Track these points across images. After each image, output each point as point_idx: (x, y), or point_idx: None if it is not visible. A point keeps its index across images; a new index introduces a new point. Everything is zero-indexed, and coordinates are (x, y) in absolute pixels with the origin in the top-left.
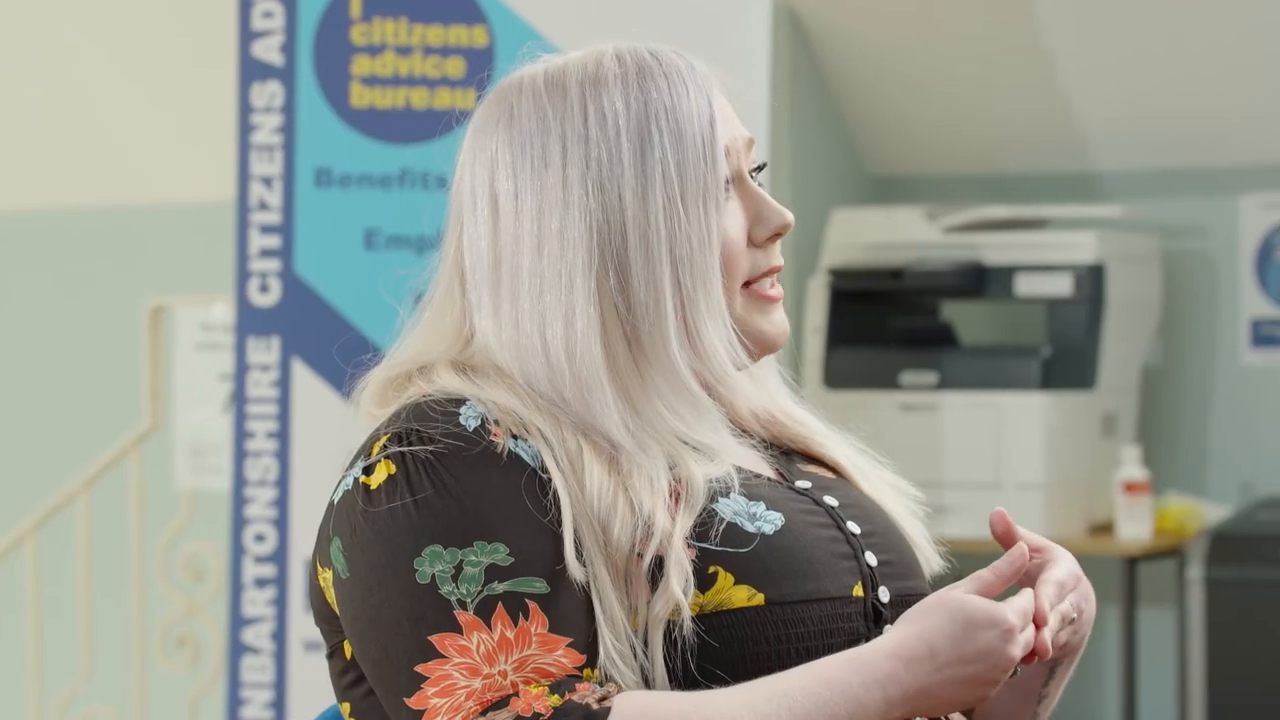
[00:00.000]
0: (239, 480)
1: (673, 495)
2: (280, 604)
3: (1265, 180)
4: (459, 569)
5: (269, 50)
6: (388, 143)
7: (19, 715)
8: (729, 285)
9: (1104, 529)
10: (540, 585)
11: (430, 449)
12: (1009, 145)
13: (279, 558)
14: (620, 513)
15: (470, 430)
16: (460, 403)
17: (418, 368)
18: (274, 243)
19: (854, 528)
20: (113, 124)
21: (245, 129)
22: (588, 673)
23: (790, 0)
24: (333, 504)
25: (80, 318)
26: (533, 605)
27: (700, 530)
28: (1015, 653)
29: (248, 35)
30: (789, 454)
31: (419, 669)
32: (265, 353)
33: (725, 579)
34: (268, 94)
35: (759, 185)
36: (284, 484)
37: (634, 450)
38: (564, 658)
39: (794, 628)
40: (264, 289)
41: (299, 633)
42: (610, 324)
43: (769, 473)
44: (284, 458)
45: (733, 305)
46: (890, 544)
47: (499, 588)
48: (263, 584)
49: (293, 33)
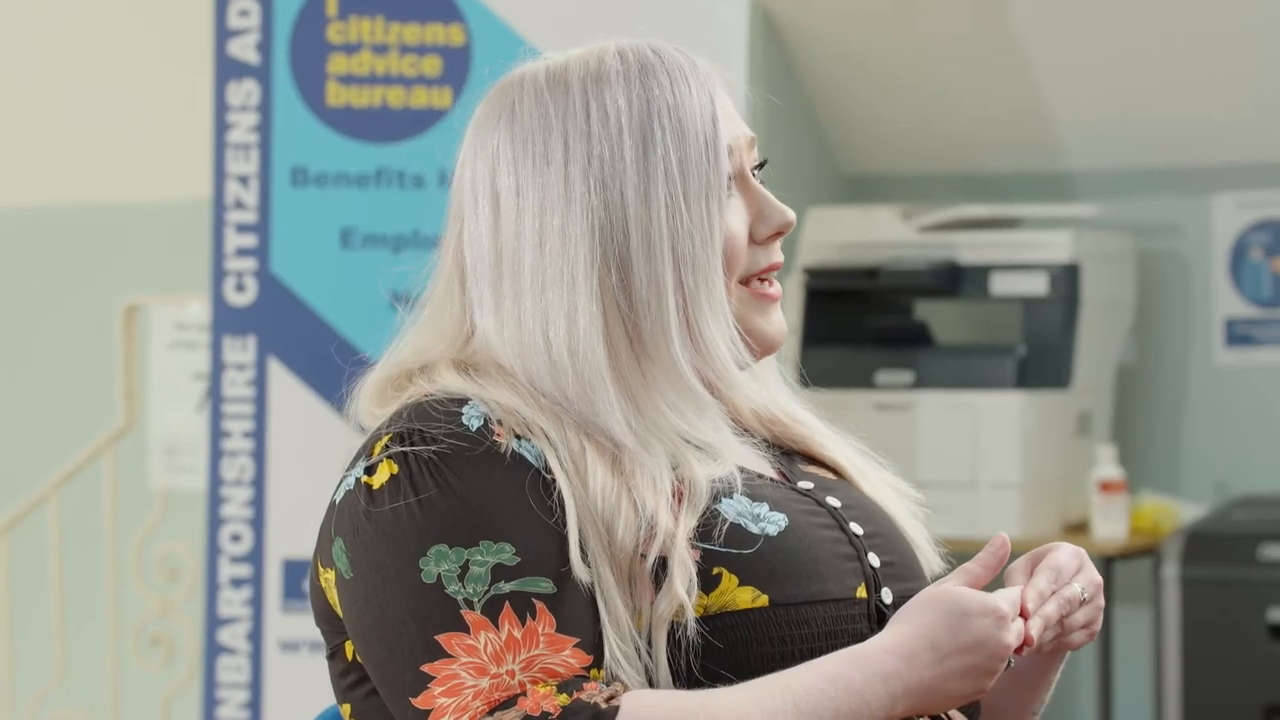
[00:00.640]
0: (215, 480)
1: (675, 495)
2: (256, 604)
3: (1239, 179)
4: (465, 568)
5: (245, 49)
6: (364, 141)
7: None
8: (730, 283)
9: (1079, 528)
10: (547, 585)
11: (433, 449)
12: (983, 144)
13: (255, 558)
14: (624, 513)
15: (473, 430)
16: (462, 402)
17: (418, 367)
18: (250, 242)
19: (856, 529)
20: (87, 123)
21: (221, 127)
22: (594, 673)
23: (765, 0)
24: (334, 504)
25: (54, 316)
26: (540, 605)
27: (704, 531)
28: (1009, 639)
29: (223, 33)
30: (790, 454)
31: (425, 669)
32: (241, 352)
33: (729, 580)
34: (244, 92)
35: (760, 183)
36: (260, 483)
37: (637, 449)
38: (571, 658)
39: (798, 629)
40: (240, 288)
41: (275, 633)
42: (612, 322)
43: (770, 473)
44: (260, 457)
45: (731, 303)
46: (892, 545)
47: (506, 587)
48: (239, 584)
49: (269, 31)
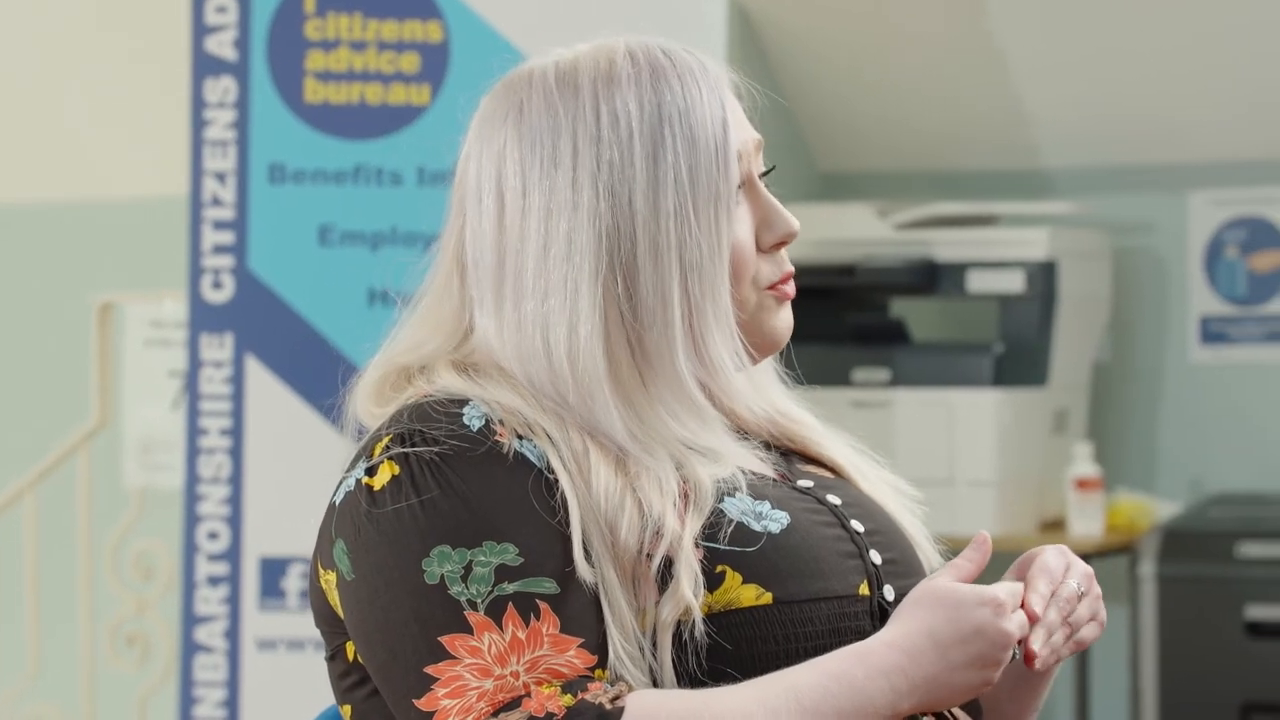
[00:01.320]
0: (191, 477)
1: (681, 497)
2: (233, 602)
3: (1215, 177)
4: (468, 569)
5: (222, 45)
6: (342, 138)
7: None
8: (739, 290)
9: (1055, 526)
10: (550, 586)
11: (435, 450)
12: (959, 142)
13: (232, 555)
14: (628, 514)
15: (474, 430)
16: (463, 403)
17: (418, 367)
18: (227, 239)
19: (857, 526)
20: (63, 119)
21: (198, 124)
22: (599, 673)
23: None
24: (334, 505)
25: (29, 313)
26: (543, 606)
27: (707, 530)
28: (1009, 627)
29: (201, 30)
30: (787, 454)
31: (428, 670)
32: (218, 349)
33: (733, 578)
34: (221, 89)
35: (768, 189)
36: (237, 481)
37: (640, 455)
38: (576, 658)
39: (802, 627)
40: (217, 285)
41: (252, 631)
42: (614, 331)
43: (770, 473)
44: (237, 455)
45: (743, 309)
46: (893, 542)
47: (509, 588)
48: (216, 582)
49: (246, 28)
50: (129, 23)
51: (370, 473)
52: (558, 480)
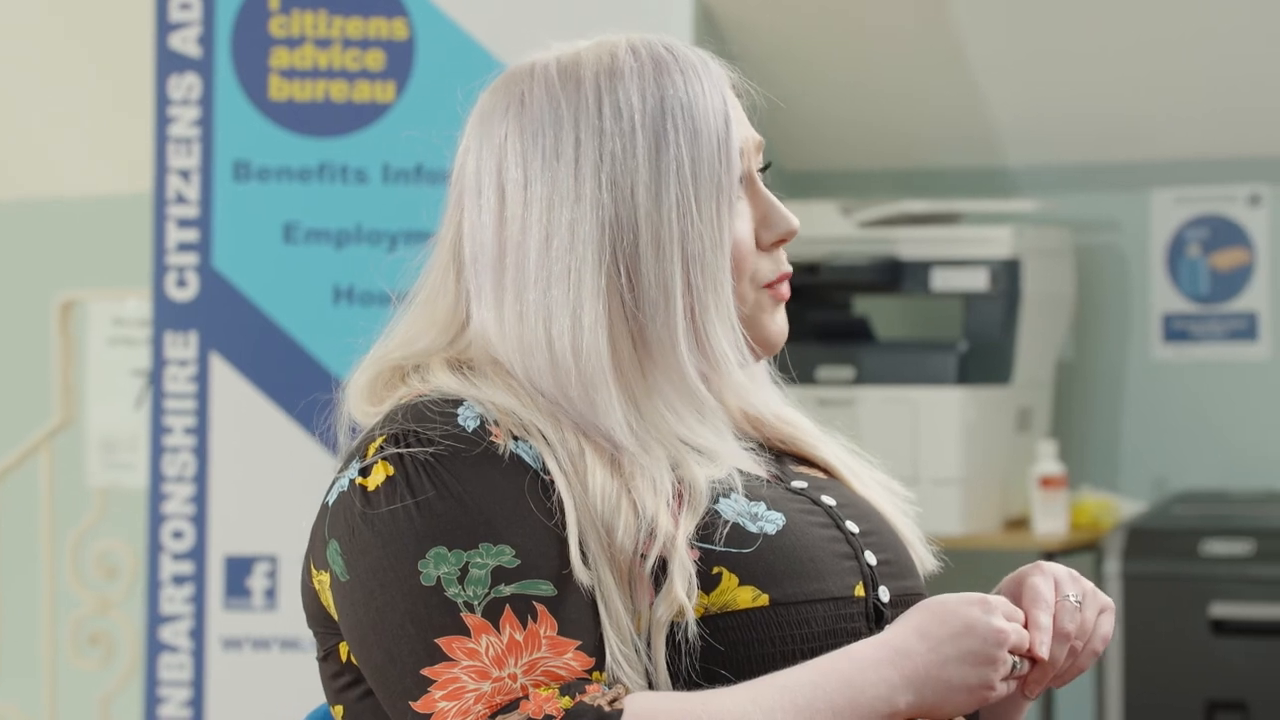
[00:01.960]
0: (156, 476)
1: (675, 497)
2: (198, 601)
3: (1177, 175)
4: (465, 571)
5: (186, 42)
6: (307, 136)
7: None
8: (738, 286)
9: (1019, 524)
10: (547, 588)
11: (429, 450)
12: (923, 140)
13: (197, 554)
14: (624, 515)
15: (469, 431)
16: (457, 403)
17: (412, 366)
18: (192, 236)
19: (853, 527)
20: (25, 116)
21: (162, 121)
22: (596, 675)
23: None
24: (326, 506)
25: None
26: (540, 608)
27: (704, 531)
28: (999, 623)
29: (165, 27)
30: (780, 455)
31: (425, 672)
32: (183, 348)
33: (729, 580)
34: (185, 86)
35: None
36: (202, 480)
37: (637, 451)
38: (573, 660)
39: (798, 628)
40: (182, 283)
41: (217, 630)
42: (617, 322)
43: (763, 474)
44: (202, 454)
45: (742, 305)
46: (887, 543)
47: (506, 590)
48: (180, 581)
49: (210, 25)
50: (92, 19)
51: (364, 473)
52: (553, 482)
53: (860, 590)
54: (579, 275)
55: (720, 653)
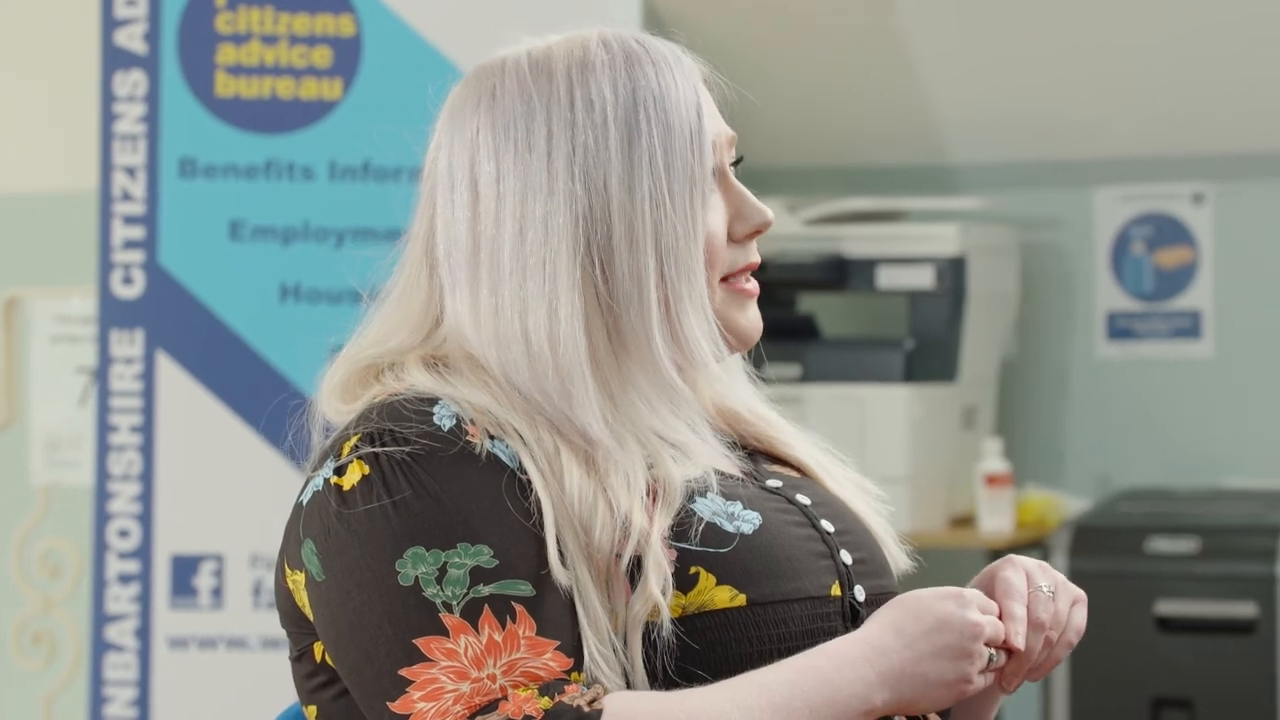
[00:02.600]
0: (101, 475)
1: (650, 494)
2: (144, 600)
3: (1121, 173)
4: (443, 571)
5: (132, 38)
6: (253, 133)
7: None
8: (710, 279)
9: (965, 522)
10: (525, 588)
11: (405, 449)
12: (868, 138)
13: (143, 553)
14: (601, 514)
15: (445, 430)
16: (433, 402)
17: (387, 364)
18: (138, 234)
19: (828, 526)
20: None
21: (108, 118)
22: (575, 675)
23: None
24: (301, 505)
25: None
26: (519, 608)
27: (680, 530)
28: (974, 617)
29: (110, 23)
30: (754, 454)
31: (403, 673)
32: (129, 345)
33: (707, 579)
34: (131, 83)
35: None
36: (148, 479)
37: (611, 446)
38: (552, 661)
39: (775, 628)
40: (127, 281)
41: (163, 630)
42: (592, 314)
43: (738, 473)
44: (148, 452)
45: (712, 299)
46: (862, 542)
47: (485, 590)
48: (126, 580)
49: (156, 21)
50: (37, 15)
51: (339, 472)
52: (530, 481)
53: (836, 590)
54: (554, 268)
55: (697, 652)
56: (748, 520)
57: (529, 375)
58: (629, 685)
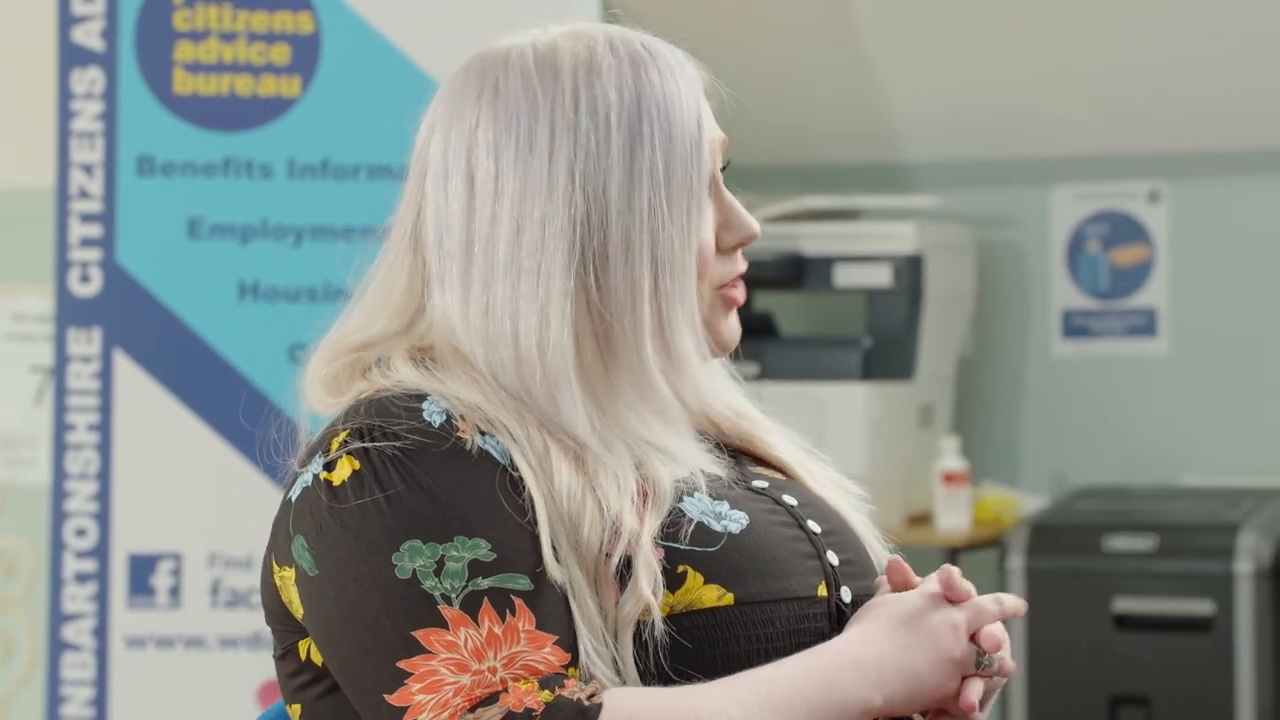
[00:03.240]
0: (59, 474)
1: (640, 495)
2: (101, 600)
3: (1076, 172)
4: (441, 564)
5: (89, 35)
6: (211, 130)
7: None
8: (700, 289)
9: (922, 520)
10: (524, 582)
11: (396, 445)
12: (824, 136)
13: (100, 552)
14: (589, 512)
15: (436, 426)
16: (421, 398)
17: (374, 360)
18: (95, 232)
19: (814, 527)
20: None
21: (65, 115)
22: (572, 671)
23: None
24: (289, 502)
25: None
26: (518, 601)
27: (668, 529)
28: (955, 614)
29: (67, 20)
30: (737, 454)
31: (402, 665)
32: (86, 344)
33: (695, 578)
34: (88, 80)
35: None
36: (105, 478)
37: (600, 449)
38: (551, 655)
39: (763, 628)
40: (85, 279)
41: (120, 629)
42: (582, 321)
43: (722, 474)
44: (105, 451)
45: (701, 308)
46: (847, 543)
47: (484, 583)
48: (83, 579)
49: (114, 18)
50: None
51: (328, 468)
52: (523, 478)
53: (823, 590)
54: (548, 271)
55: (686, 650)
56: (735, 520)
57: (515, 377)
58: (622, 682)
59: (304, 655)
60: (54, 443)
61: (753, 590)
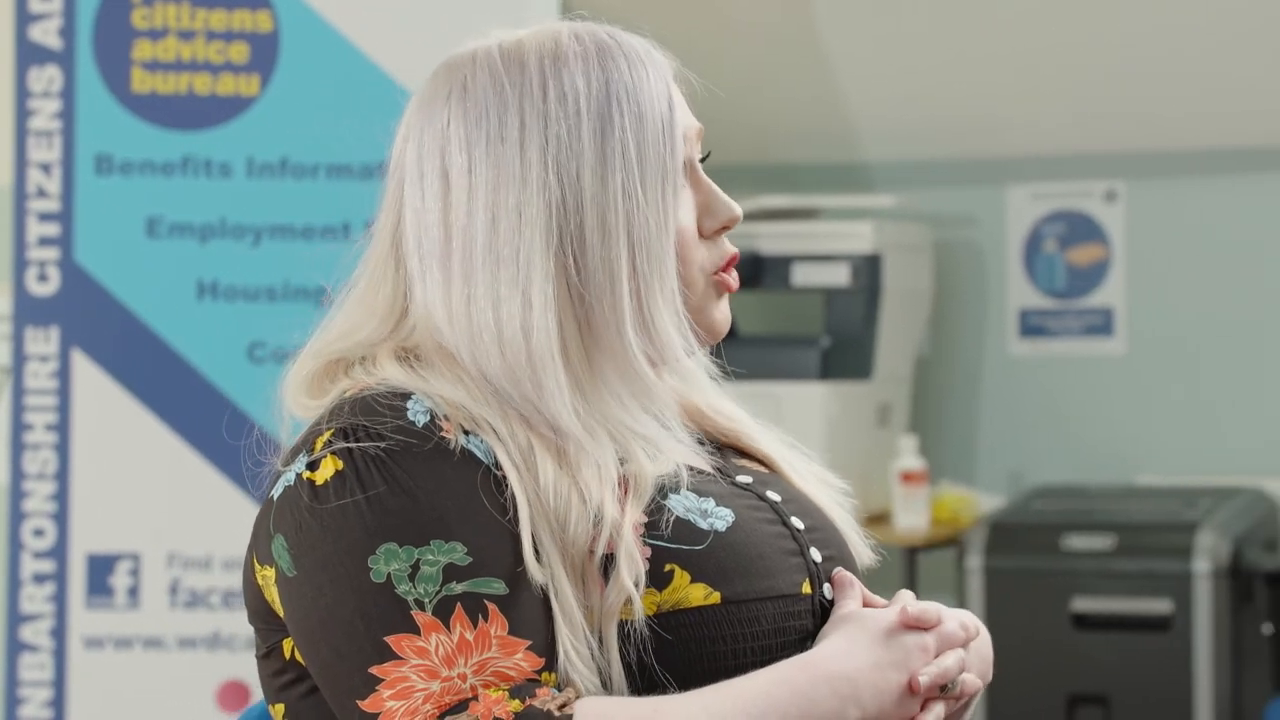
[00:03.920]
0: (16, 473)
1: (621, 486)
2: (59, 600)
3: (1033, 171)
4: (415, 568)
5: (47, 34)
6: (170, 129)
7: None
8: (685, 273)
9: (880, 519)
10: (499, 586)
11: (380, 445)
12: (782, 136)
13: (58, 553)
14: (575, 509)
15: (420, 426)
16: (405, 397)
17: (358, 358)
18: (53, 230)
19: (798, 523)
20: None
21: (22, 114)
22: (546, 676)
23: None
24: (271, 500)
25: None
26: (491, 607)
27: (654, 528)
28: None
29: (25, 18)
30: (721, 449)
31: (374, 670)
32: (44, 343)
33: (681, 577)
34: (46, 78)
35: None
36: (64, 477)
37: (582, 437)
38: (523, 661)
39: (749, 626)
40: (43, 278)
41: (79, 629)
42: (564, 306)
43: (707, 468)
44: (64, 450)
45: (691, 293)
46: (830, 539)
47: (457, 588)
48: (41, 579)
49: (72, 16)
50: None
51: (311, 467)
52: (505, 477)
53: (807, 587)
54: (527, 258)
55: (672, 649)
56: (720, 517)
57: (500, 365)
58: (606, 682)
59: (288, 655)
60: (11, 442)
61: (739, 589)
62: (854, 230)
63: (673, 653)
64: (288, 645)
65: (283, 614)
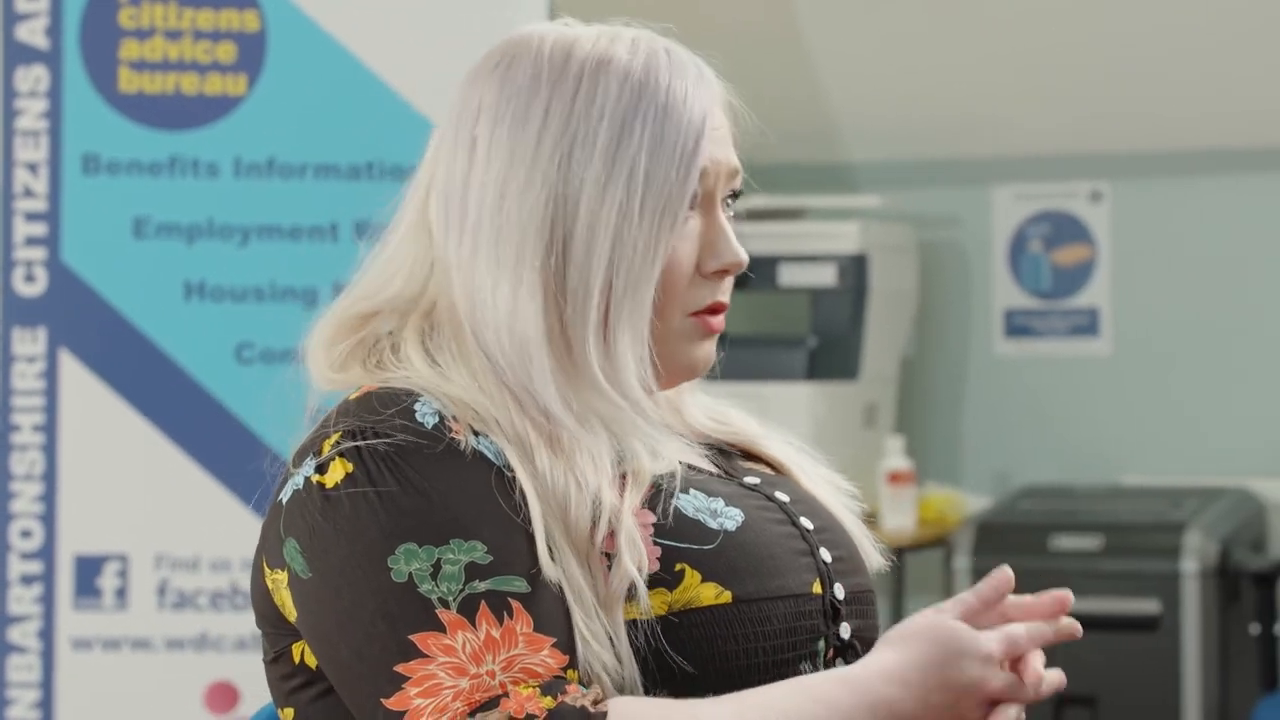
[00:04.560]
0: (3, 475)
1: (619, 475)
2: (47, 601)
3: (1018, 172)
4: (437, 567)
5: (33, 33)
6: (157, 129)
7: None
8: (665, 305)
9: (867, 520)
10: (521, 584)
11: (389, 443)
12: (767, 136)
13: (46, 554)
14: (573, 494)
15: (429, 427)
16: (414, 398)
17: (387, 339)
18: (40, 231)
19: (807, 524)
20: None
21: (9, 114)
22: (570, 673)
23: None
24: (281, 504)
25: None
26: (515, 604)
27: (663, 527)
28: (994, 685)
29: (11, 17)
30: (727, 452)
31: (399, 669)
32: (31, 344)
33: (692, 576)
34: (32, 78)
35: (728, 217)
36: (51, 478)
37: (575, 427)
38: (549, 658)
39: (760, 625)
40: (30, 278)
41: (67, 631)
42: (548, 296)
43: (708, 467)
44: (51, 451)
45: (667, 328)
46: (839, 540)
47: (480, 586)
48: (29, 581)
49: (58, 15)
50: None
51: (320, 470)
52: (517, 477)
53: (818, 587)
54: (521, 240)
55: (684, 647)
56: (730, 517)
57: (495, 342)
58: (620, 670)
59: (298, 659)
60: None
61: (750, 589)
62: (840, 231)
63: (682, 650)
64: (297, 649)
65: (295, 617)
